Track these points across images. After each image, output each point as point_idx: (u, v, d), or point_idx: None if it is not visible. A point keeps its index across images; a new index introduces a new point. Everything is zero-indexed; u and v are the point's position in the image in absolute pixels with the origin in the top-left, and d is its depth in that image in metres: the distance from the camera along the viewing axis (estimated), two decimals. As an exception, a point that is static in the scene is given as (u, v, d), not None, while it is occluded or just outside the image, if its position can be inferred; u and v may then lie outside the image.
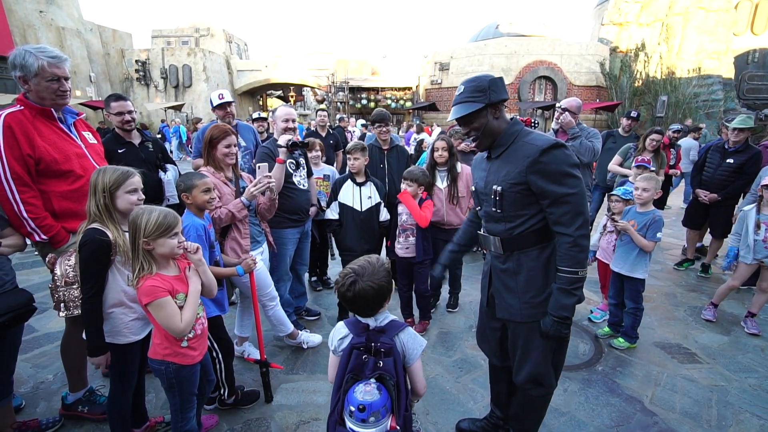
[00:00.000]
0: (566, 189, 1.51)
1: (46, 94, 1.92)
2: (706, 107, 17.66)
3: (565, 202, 1.51)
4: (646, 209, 2.94)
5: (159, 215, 1.54)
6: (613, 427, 2.20)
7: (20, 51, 1.86)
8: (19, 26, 15.40)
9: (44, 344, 2.93)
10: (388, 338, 1.30)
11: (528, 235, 1.64)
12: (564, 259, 1.54)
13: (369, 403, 1.15)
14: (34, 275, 4.25)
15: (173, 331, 1.57)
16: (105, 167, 1.74)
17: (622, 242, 2.96)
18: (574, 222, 1.51)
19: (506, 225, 1.67)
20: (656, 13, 19.22)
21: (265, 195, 2.45)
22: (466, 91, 1.60)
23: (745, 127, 3.91)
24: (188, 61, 22.97)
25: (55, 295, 1.86)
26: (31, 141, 1.87)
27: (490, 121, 1.62)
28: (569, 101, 3.55)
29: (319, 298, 3.83)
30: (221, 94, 3.61)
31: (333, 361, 1.40)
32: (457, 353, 2.90)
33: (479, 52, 19.55)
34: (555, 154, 1.51)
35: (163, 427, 2.10)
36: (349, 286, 1.30)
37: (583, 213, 1.52)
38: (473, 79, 1.62)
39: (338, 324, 1.41)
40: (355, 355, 1.24)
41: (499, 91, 1.60)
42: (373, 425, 1.15)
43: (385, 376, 1.23)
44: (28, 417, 2.13)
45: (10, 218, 1.89)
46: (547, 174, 1.52)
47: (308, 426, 2.18)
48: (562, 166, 1.51)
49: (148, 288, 1.52)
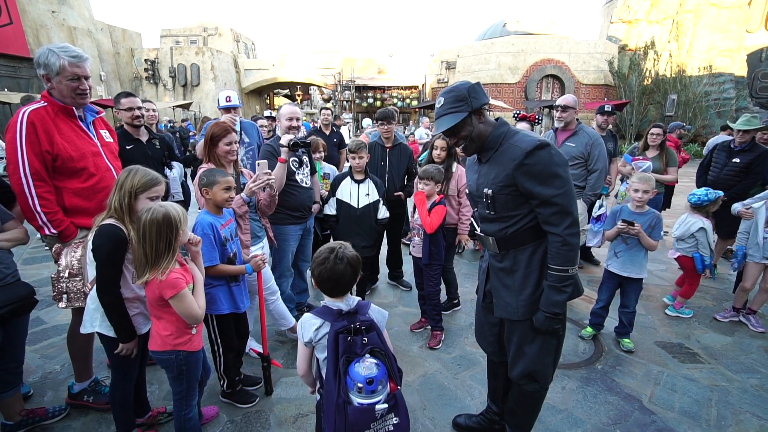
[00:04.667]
0: (553, 190, 1.51)
1: (66, 92, 1.98)
2: (717, 106, 17.39)
3: (551, 204, 1.52)
4: (644, 210, 2.89)
5: (175, 207, 1.62)
6: (611, 425, 2.20)
7: (44, 50, 1.92)
8: (32, 26, 15.68)
9: (52, 336, 3.01)
10: (363, 316, 1.40)
11: (522, 234, 1.65)
12: (554, 258, 1.56)
13: (374, 375, 1.25)
14: (44, 269, 4.35)
15: (193, 318, 1.63)
16: (136, 168, 1.76)
17: (628, 246, 2.87)
18: (563, 221, 1.52)
19: (500, 225, 1.69)
20: (666, 11, 18.96)
21: (265, 191, 2.49)
22: (446, 103, 1.60)
23: (750, 128, 3.84)
24: (196, 60, 23.21)
25: (56, 286, 1.90)
26: (50, 138, 1.93)
27: (476, 126, 1.63)
28: (565, 98, 3.51)
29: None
30: (229, 96, 3.61)
31: (305, 353, 1.44)
32: (456, 350, 2.92)
33: (486, 50, 19.44)
34: (540, 155, 1.51)
35: (165, 418, 2.15)
36: (337, 259, 1.37)
37: (572, 212, 1.53)
38: (451, 89, 1.62)
39: (306, 316, 1.43)
40: (342, 339, 1.30)
41: (479, 96, 1.60)
42: (381, 393, 1.27)
43: (376, 349, 1.33)
44: (35, 405, 2.20)
45: (24, 211, 1.94)
46: (533, 175, 1.53)
47: (306, 419, 2.21)
48: (547, 167, 1.51)
49: (173, 280, 1.57)
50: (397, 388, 1.32)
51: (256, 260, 2.21)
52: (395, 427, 1.29)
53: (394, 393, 1.30)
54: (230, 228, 2.16)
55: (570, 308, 3.61)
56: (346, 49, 37.82)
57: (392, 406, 1.28)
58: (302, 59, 26.35)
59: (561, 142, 3.53)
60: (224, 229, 2.10)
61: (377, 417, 1.25)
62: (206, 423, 2.14)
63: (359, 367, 1.27)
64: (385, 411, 1.26)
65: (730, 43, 17.59)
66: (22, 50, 15.06)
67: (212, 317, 2.15)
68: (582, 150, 3.40)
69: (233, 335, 2.25)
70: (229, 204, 2.10)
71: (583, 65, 18.72)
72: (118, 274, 1.69)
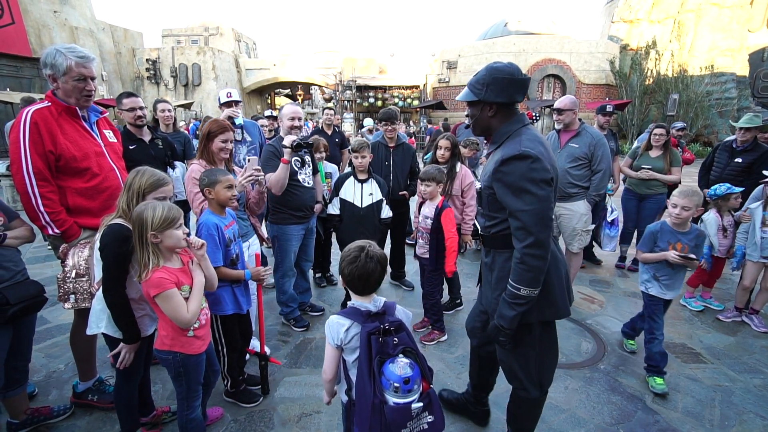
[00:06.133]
0: (520, 204, 1.46)
1: (72, 92, 1.98)
2: (718, 106, 17.36)
3: (516, 218, 1.48)
4: (686, 228, 2.51)
5: (163, 208, 1.58)
6: (614, 425, 2.20)
7: (51, 50, 1.93)
8: (35, 26, 15.70)
9: (56, 335, 3.02)
10: (391, 316, 1.39)
11: (501, 237, 1.63)
12: (512, 272, 1.52)
13: (410, 375, 1.27)
14: (47, 269, 4.36)
15: (180, 321, 1.61)
16: (144, 169, 1.77)
17: (674, 271, 2.51)
18: (525, 239, 1.46)
19: (486, 222, 1.70)
20: (668, 10, 18.94)
21: (254, 188, 2.48)
22: (475, 78, 1.58)
23: (751, 126, 3.84)
24: (198, 60, 23.22)
25: (62, 287, 1.91)
26: (54, 138, 1.94)
27: (483, 115, 1.60)
28: (561, 101, 3.50)
29: (323, 294, 3.87)
30: (230, 92, 3.65)
31: (335, 355, 1.43)
32: (459, 350, 2.92)
33: (487, 50, 19.44)
34: (515, 165, 1.46)
35: (169, 417, 2.16)
36: (368, 258, 1.38)
37: (534, 234, 1.44)
38: (490, 68, 1.54)
39: (333, 318, 1.42)
40: (374, 340, 1.31)
41: (500, 93, 1.52)
42: (416, 392, 1.29)
43: (408, 349, 1.33)
44: (40, 404, 2.21)
45: (27, 210, 1.95)
46: (506, 184, 1.49)
47: (310, 418, 2.22)
48: (519, 180, 1.45)
49: (156, 280, 1.56)
50: (429, 387, 1.34)
51: (259, 273, 2.22)
52: (429, 425, 1.31)
53: (427, 392, 1.32)
54: (233, 229, 2.16)
55: (573, 308, 3.61)
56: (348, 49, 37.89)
57: (426, 404, 1.30)
58: (303, 59, 26.36)
59: (564, 143, 3.51)
60: (227, 230, 2.10)
61: (413, 416, 1.27)
62: (210, 424, 2.14)
63: (394, 367, 1.28)
64: (420, 410, 1.28)
65: (731, 42, 17.56)
66: (24, 50, 15.08)
67: (217, 318, 2.15)
68: (585, 150, 3.39)
69: (237, 335, 2.25)
70: (232, 202, 2.10)
71: (584, 65, 18.72)
72: (123, 273, 1.69)
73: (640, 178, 4.23)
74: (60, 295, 1.93)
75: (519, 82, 1.53)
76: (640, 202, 4.34)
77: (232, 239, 2.14)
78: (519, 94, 1.54)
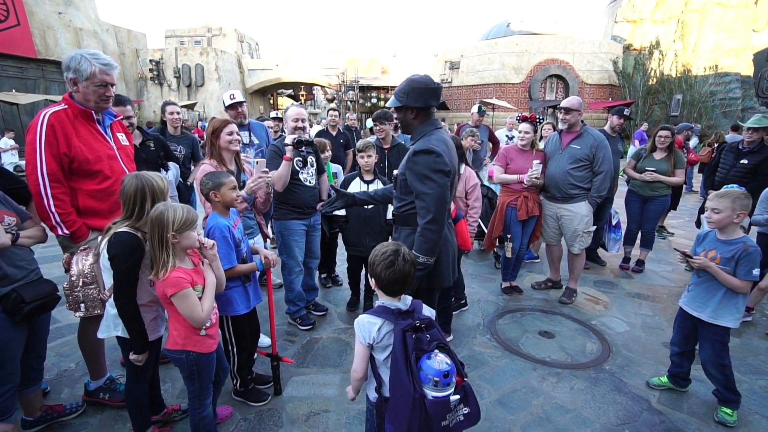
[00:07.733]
0: (425, 188, 1.85)
1: (92, 97, 2.02)
2: (723, 106, 17.30)
3: (421, 199, 1.87)
4: (731, 236, 2.17)
5: (183, 210, 1.62)
6: (619, 425, 2.22)
7: (76, 55, 1.97)
8: (39, 28, 15.80)
9: (66, 334, 3.06)
10: (420, 314, 1.45)
11: (407, 216, 2.02)
12: (415, 243, 1.90)
13: (448, 369, 1.33)
14: (55, 269, 4.39)
15: (195, 320, 1.64)
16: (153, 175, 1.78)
17: (700, 279, 2.25)
18: (426, 216, 1.85)
19: (397, 203, 2.09)
20: (671, 10, 18.89)
21: (262, 189, 2.55)
22: (399, 88, 1.96)
23: (760, 126, 3.83)
24: (201, 61, 23.32)
25: (71, 296, 1.92)
26: (68, 140, 1.97)
27: (407, 117, 1.98)
28: (569, 100, 3.51)
29: (328, 295, 3.90)
30: (233, 94, 3.68)
31: (365, 354, 1.47)
32: (464, 350, 2.94)
33: (490, 50, 19.42)
34: (422, 158, 1.85)
35: (179, 415, 2.19)
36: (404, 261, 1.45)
37: (433, 212, 1.84)
38: (410, 80, 1.93)
39: (363, 317, 1.45)
40: (409, 337, 1.35)
41: (418, 99, 1.89)
42: (452, 385, 1.35)
43: (441, 344, 1.40)
44: (53, 402, 2.25)
45: (38, 211, 1.99)
46: (414, 172, 1.87)
47: (318, 417, 2.25)
48: (424, 169, 1.84)
49: (174, 279, 1.59)
50: (463, 380, 1.40)
51: (268, 259, 2.23)
52: (465, 417, 1.38)
53: (462, 384, 1.39)
54: (239, 228, 2.19)
55: (576, 309, 3.62)
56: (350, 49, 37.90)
57: (463, 397, 1.37)
58: (306, 59, 26.42)
59: (566, 144, 3.51)
60: (235, 230, 2.13)
61: (452, 408, 1.33)
62: (220, 422, 2.17)
63: (431, 362, 1.33)
64: (457, 402, 1.34)
65: (736, 42, 17.50)
66: (29, 51, 15.18)
67: (227, 318, 2.17)
68: (587, 152, 3.39)
69: (248, 336, 2.28)
70: (237, 202, 2.13)
71: (587, 65, 18.67)
72: (135, 281, 1.70)
73: (644, 180, 4.23)
74: (69, 304, 1.95)
75: (432, 90, 1.92)
76: (643, 204, 4.34)
77: (241, 238, 2.17)
78: (433, 99, 1.93)
